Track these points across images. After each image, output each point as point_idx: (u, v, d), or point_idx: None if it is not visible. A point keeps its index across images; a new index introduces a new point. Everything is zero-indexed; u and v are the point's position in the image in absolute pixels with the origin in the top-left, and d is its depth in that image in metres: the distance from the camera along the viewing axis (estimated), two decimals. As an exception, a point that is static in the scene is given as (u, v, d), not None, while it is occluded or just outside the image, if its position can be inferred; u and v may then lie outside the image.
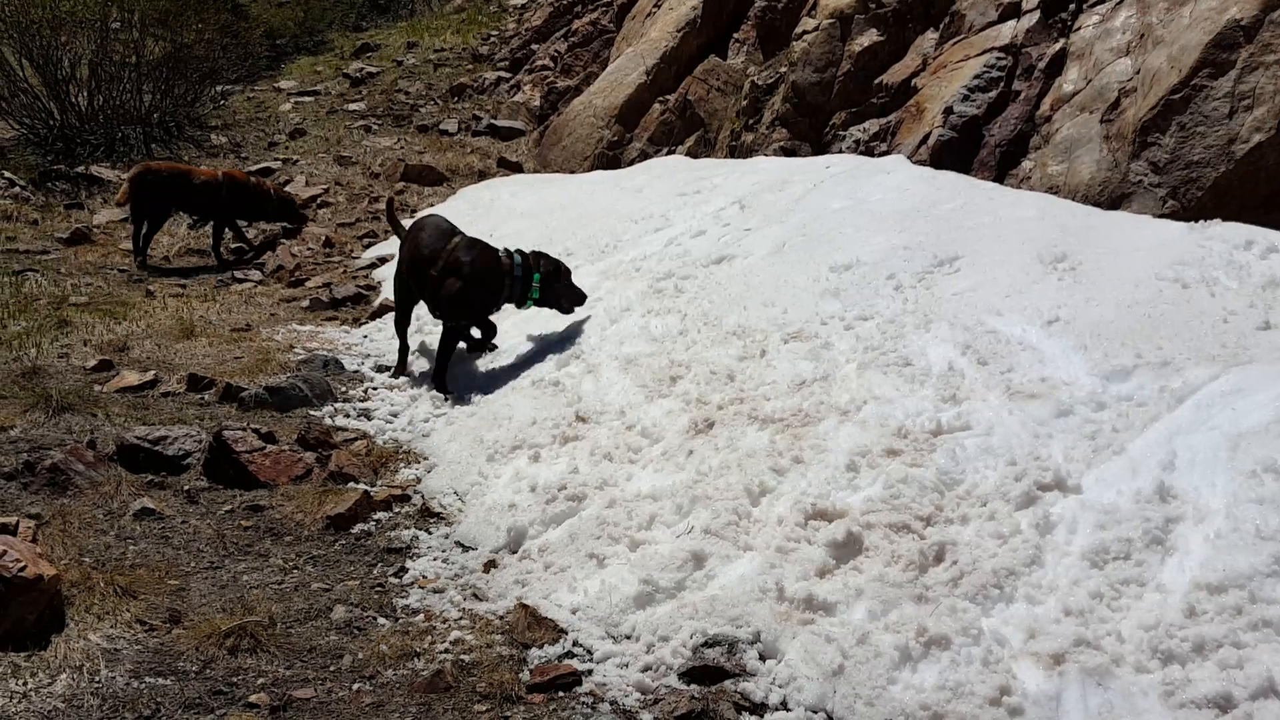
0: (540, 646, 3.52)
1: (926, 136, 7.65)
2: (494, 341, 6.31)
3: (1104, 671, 3.05)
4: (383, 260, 8.82)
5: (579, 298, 6.07)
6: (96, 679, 3.19)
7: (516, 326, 6.50)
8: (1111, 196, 6.36)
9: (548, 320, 6.32)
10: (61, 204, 10.64)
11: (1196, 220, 5.57)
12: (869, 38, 8.84)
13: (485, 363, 6.10)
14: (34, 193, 10.79)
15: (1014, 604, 3.37)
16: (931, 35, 8.53)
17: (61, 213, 10.38)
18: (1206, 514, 3.47)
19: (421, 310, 6.38)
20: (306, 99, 14.95)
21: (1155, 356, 4.25)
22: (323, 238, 9.70)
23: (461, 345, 6.17)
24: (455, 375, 6.02)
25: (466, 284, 5.83)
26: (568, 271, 6.15)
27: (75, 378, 5.93)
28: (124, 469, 4.71)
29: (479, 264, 5.89)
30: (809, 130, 9.13)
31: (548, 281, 5.98)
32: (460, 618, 3.74)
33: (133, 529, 4.20)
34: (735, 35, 11.11)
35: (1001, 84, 7.53)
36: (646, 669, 3.40)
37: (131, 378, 5.90)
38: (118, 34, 12.97)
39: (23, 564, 3.37)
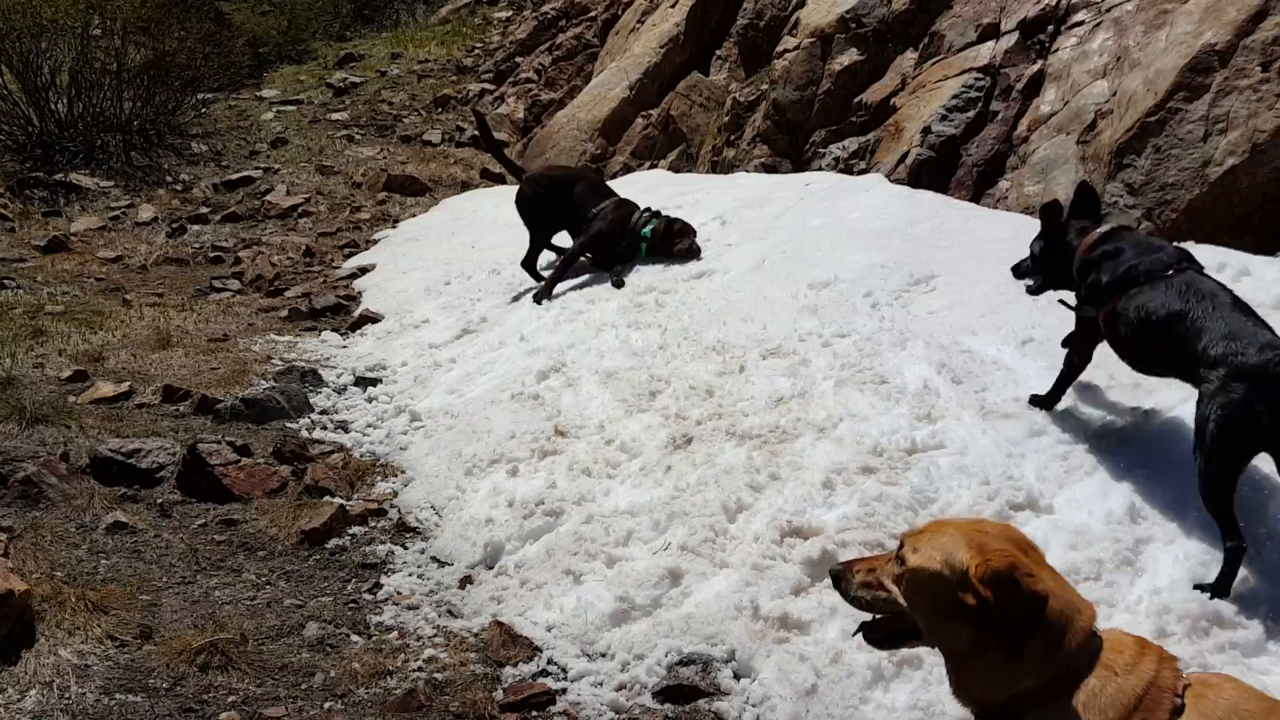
0: (515, 665, 3.52)
1: (905, 155, 7.71)
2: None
3: (1074, 692, 3.07)
4: (363, 270, 8.79)
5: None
6: (66, 695, 3.17)
7: (498, 336, 6.50)
8: (1087, 217, 6.42)
9: (532, 331, 6.33)
10: (39, 212, 10.56)
11: (1171, 242, 5.64)
12: (849, 57, 8.91)
13: (465, 374, 6.09)
14: (11, 200, 10.70)
15: (986, 624, 3.39)
16: (911, 55, 8.60)
17: (39, 220, 10.30)
18: (1176, 536, 3.51)
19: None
20: (289, 108, 14.91)
21: (1127, 377, 4.29)
22: (303, 247, 9.67)
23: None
24: (433, 387, 6.01)
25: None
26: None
27: (50, 388, 5.89)
28: (97, 482, 4.68)
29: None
30: (789, 147, 9.19)
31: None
32: (434, 635, 3.73)
33: (105, 543, 4.17)
34: (717, 52, 11.17)
35: (979, 104, 7.60)
36: (621, 688, 3.40)
37: (106, 389, 5.85)
38: (99, 41, 12.89)
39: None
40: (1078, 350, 4.17)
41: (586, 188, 7.36)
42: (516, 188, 7.56)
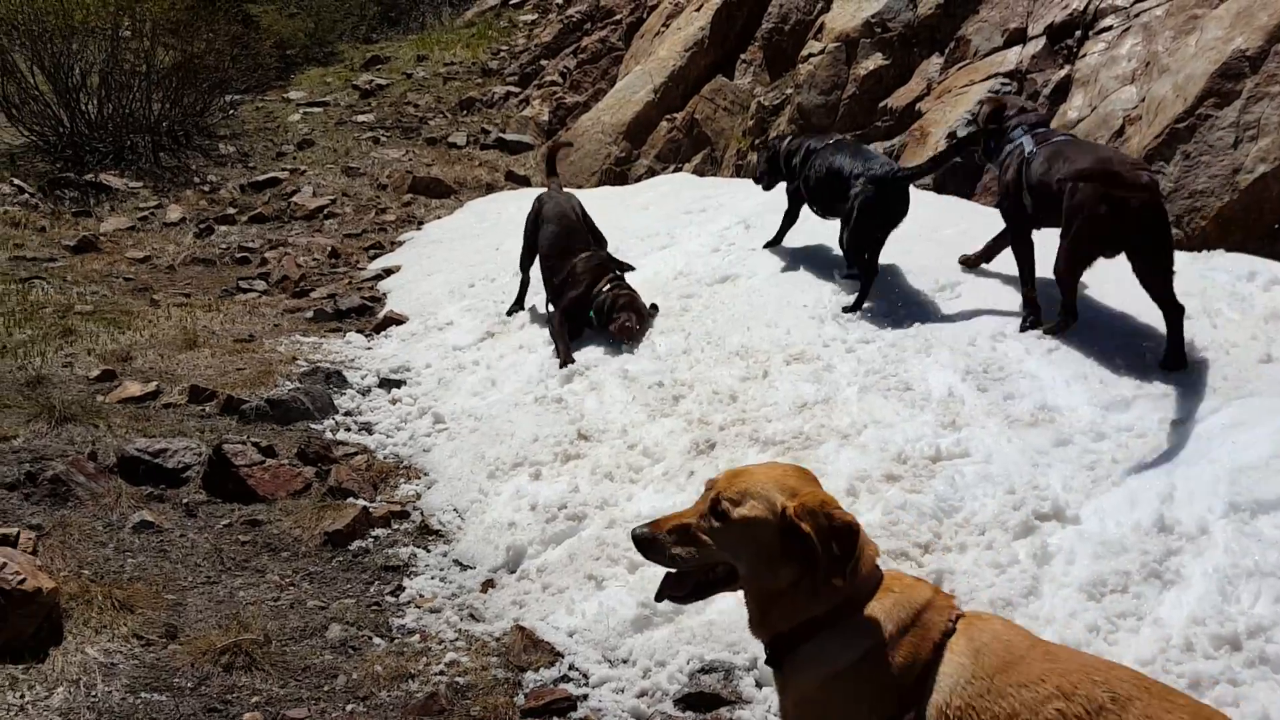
0: (536, 670, 3.52)
1: (931, 160, 7.66)
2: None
3: (1100, 705, 3.04)
4: (388, 272, 8.83)
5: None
6: (93, 693, 3.20)
7: (521, 340, 6.51)
8: (1115, 224, 6.37)
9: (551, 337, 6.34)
10: (70, 212, 10.67)
11: (1200, 250, 5.58)
12: (874, 61, 8.87)
13: (488, 377, 6.11)
14: (42, 200, 10.82)
15: (1011, 635, 3.36)
16: (936, 60, 8.56)
17: (69, 220, 10.41)
18: (1205, 548, 3.47)
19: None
20: (315, 110, 15.00)
21: (1156, 387, 4.26)
22: (329, 248, 9.72)
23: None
24: (456, 389, 6.03)
25: None
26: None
27: (78, 387, 5.95)
28: (124, 481, 4.72)
29: None
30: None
31: None
32: (456, 638, 3.74)
33: (131, 542, 4.21)
34: (742, 56, 11.15)
35: (1007, 109, 7.54)
36: (642, 694, 3.40)
37: (134, 388, 5.91)
38: (128, 43, 13.01)
39: (22, 576, 3.38)
40: (790, 214, 6.57)
41: (555, 241, 6.71)
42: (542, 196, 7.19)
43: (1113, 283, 5.27)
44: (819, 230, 6.83)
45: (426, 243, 9.56)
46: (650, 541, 2.37)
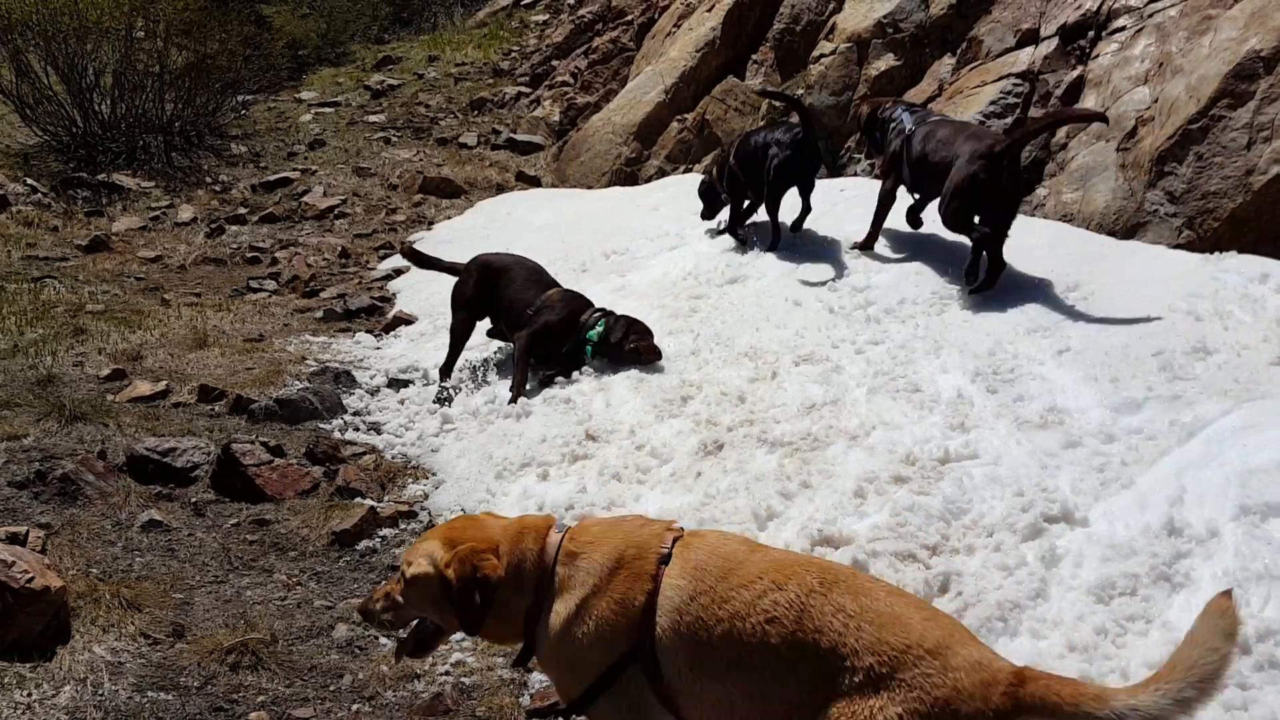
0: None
1: (942, 161, 7.64)
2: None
3: (1107, 710, 3.02)
4: (398, 272, 8.85)
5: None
6: (100, 692, 3.20)
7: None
8: (1126, 225, 6.34)
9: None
10: (82, 211, 10.72)
11: (1213, 251, 5.55)
12: (886, 62, 8.85)
13: (497, 377, 6.11)
14: (55, 200, 10.88)
15: (1018, 637, 3.35)
16: (948, 60, 8.53)
17: (82, 220, 10.46)
18: (1215, 551, 3.44)
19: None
20: (327, 110, 15.04)
21: (1166, 389, 4.23)
22: (339, 248, 9.75)
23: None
24: (467, 389, 6.03)
25: None
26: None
27: (89, 386, 5.97)
28: (133, 480, 4.74)
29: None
30: (825, 152, 9.12)
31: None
32: (462, 639, 3.74)
33: (140, 541, 4.22)
34: (753, 57, 11.13)
35: (1018, 110, 7.51)
36: (647, 695, 3.39)
37: (144, 388, 5.93)
38: (142, 43, 13.08)
39: (31, 575, 3.39)
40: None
41: (525, 277, 6.26)
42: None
43: (1122, 286, 5.25)
44: (829, 230, 6.82)
45: (437, 243, 9.54)
46: (366, 613, 2.69)
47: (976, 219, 5.47)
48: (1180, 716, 1.94)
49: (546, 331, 5.87)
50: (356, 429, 5.69)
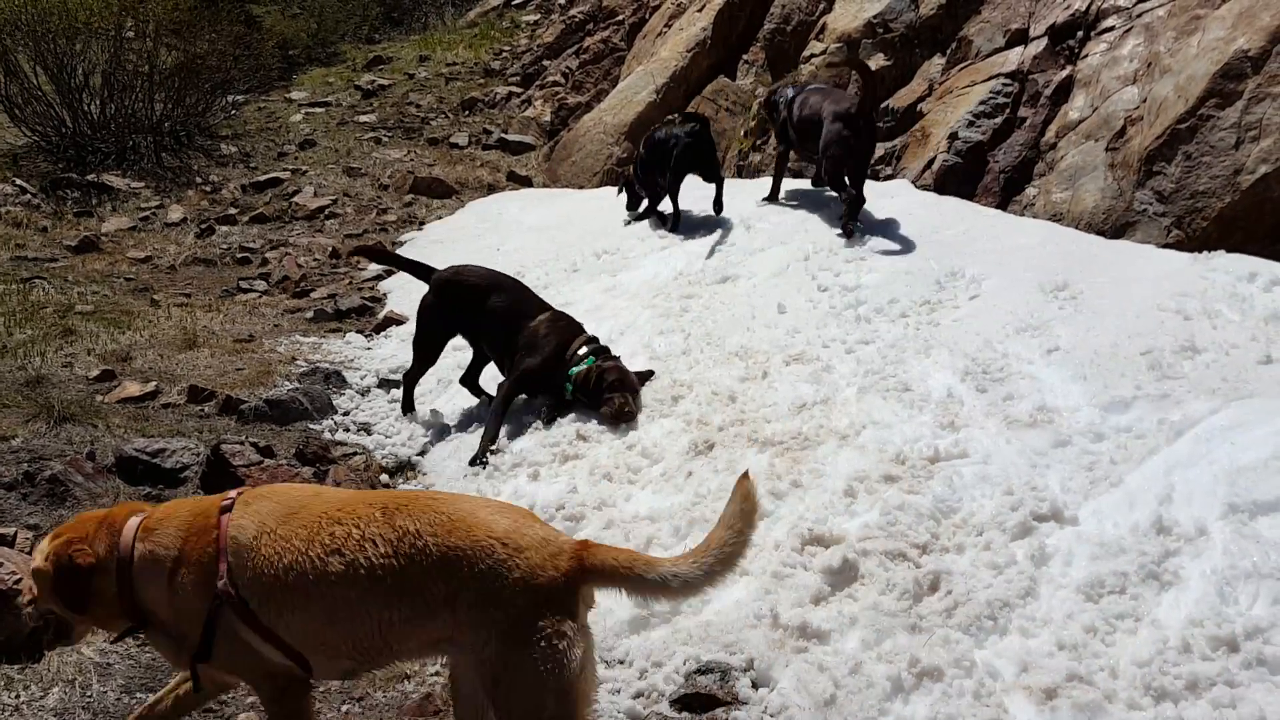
0: (532, 669, 3.51)
1: (931, 161, 7.66)
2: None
3: (1096, 708, 3.04)
4: (389, 272, 8.83)
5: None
6: (88, 693, 3.19)
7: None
8: (1116, 225, 6.36)
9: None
10: (71, 212, 10.67)
11: (1201, 251, 5.57)
12: (876, 62, 8.86)
13: (488, 376, 6.10)
14: (44, 200, 10.83)
15: (1007, 636, 3.36)
16: (938, 61, 8.55)
17: (71, 220, 10.42)
18: (1203, 549, 3.46)
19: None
20: (317, 110, 15.00)
21: (1155, 388, 4.25)
22: (329, 248, 9.72)
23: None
24: (455, 389, 6.02)
25: None
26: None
27: (78, 387, 5.95)
28: (122, 481, 4.71)
29: None
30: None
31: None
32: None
33: (129, 542, 4.20)
34: (744, 56, 11.15)
35: (1007, 110, 7.53)
36: (638, 695, 3.39)
37: (133, 388, 5.91)
38: (131, 43, 13.02)
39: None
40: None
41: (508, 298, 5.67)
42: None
43: (1111, 286, 5.27)
44: (817, 232, 6.83)
45: (428, 243, 9.56)
46: (33, 600, 2.93)
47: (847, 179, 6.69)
48: (708, 584, 2.44)
49: (531, 377, 5.39)
50: (347, 429, 5.68)
